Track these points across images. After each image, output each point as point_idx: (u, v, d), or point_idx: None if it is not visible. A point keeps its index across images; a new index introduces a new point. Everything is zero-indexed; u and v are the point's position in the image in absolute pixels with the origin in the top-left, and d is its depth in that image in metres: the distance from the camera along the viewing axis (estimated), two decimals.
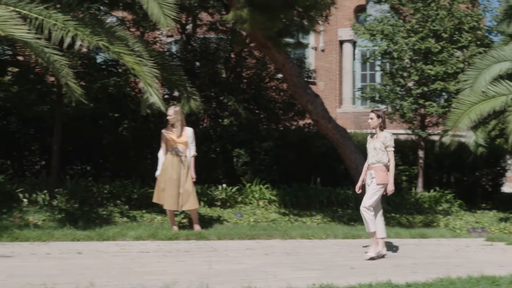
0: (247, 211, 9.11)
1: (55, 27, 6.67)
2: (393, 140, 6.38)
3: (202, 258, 5.86)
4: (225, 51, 12.06)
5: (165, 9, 7.36)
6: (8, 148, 11.01)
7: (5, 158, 11.10)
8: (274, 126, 12.05)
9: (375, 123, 6.35)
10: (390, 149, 6.30)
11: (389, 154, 6.30)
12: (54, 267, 5.08)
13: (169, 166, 7.09)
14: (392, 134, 6.50)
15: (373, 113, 6.39)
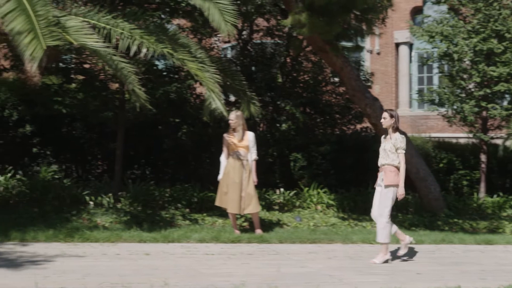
0: (305, 215, 9.11)
1: (122, 35, 6.91)
2: (405, 142, 6.16)
3: (266, 261, 5.92)
4: (281, 55, 12.11)
5: (225, 15, 7.48)
6: (73, 153, 11.47)
7: (70, 163, 11.56)
8: (330, 130, 12.00)
9: (388, 123, 6.15)
10: (401, 151, 6.09)
11: (400, 156, 6.10)
12: (125, 267, 5.26)
13: (231, 170, 7.19)
14: (403, 136, 6.27)
15: (386, 112, 6.24)
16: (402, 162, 6.08)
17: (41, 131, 11.11)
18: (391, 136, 6.16)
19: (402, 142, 6.10)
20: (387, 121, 6.14)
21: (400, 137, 6.13)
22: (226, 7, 7.52)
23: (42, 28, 5.48)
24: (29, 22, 5.58)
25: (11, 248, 5.81)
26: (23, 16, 5.66)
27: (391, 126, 6.14)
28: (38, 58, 5.35)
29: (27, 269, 4.97)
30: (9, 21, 5.69)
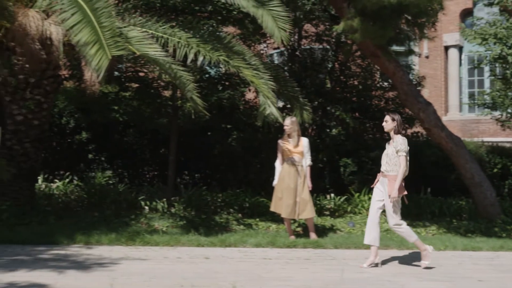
0: (357, 220, 9.05)
1: (179, 44, 7.11)
2: (406, 144, 5.98)
3: (324, 266, 5.94)
4: (329, 61, 12.11)
5: (279, 22, 7.59)
6: (126, 159, 11.79)
7: (122, 168, 11.88)
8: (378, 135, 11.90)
9: (389, 126, 6.00)
10: (401, 153, 5.92)
11: (400, 159, 5.93)
12: (187, 270, 5.38)
13: (286, 175, 7.25)
14: (404, 138, 6.06)
15: (388, 115, 6.09)
16: (402, 165, 5.92)
17: (96, 138, 11.49)
18: (393, 139, 6.05)
19: (403, 145, 5.95)
20: (389, 124, 6.02)
21: (401, 140, 5.98)
22: (279, 14, 7.63)
23: (107, 39, 5.70)
24: (94, 33, 5.82)
25: (78, 251, 6.04)
26: (89, 27, 5.90)
27: (393, 130, 6.03)
28: (104, 68, 5.56)
29: (95, 271, 5.16)
30: (76, 32, 5.95)
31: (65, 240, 6.35)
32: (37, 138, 8.12)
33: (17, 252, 5.77)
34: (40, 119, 8.12)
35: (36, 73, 7.82)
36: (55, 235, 6.45)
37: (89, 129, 11.40)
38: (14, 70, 7.73)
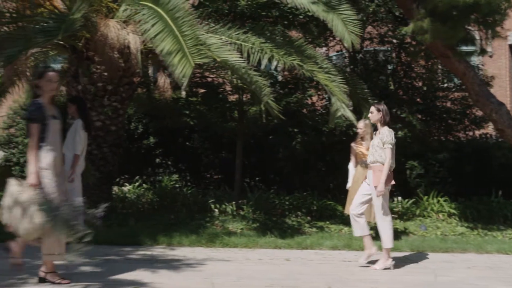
0: (428, 224, 8.95)
1: (252, 49, 7.25)
2: (392, 135, 5.85)
3: (405, 269, 5.92)
4: (392, 62, 12.01)
5: (349, 26, 7.62)
6: (191, 163, 12.05)
7: (188, 172, 12.15)
8: (443, 138, 11.71)
9: (375, 117, 5.91)
10: (387, 145, 5.80)
11: (386, 151, 5.80)
12: (271, 271, 5.49)
13: (360, 178, 7.23)
14: (390, 129, 5.93)
15: (373, 106, 5.99)
16: (388, 157, 5.80)
17: (163, 142, 11.81)
18: (379, 131, 5.95)
19: (389, 136, 5.84)
20: (374, 115, 5.94)
21: (388, 131, 5.88)
22: (349, 18, 7.67)
23: (189, 48, 5.88)
24: (177, 42, 6.02)
25: (162, 252, 6.25)
26: (171, 37, 6.11)
27: (379, 121, 5.93)
28: (188, 76, 5.75)
29: (185, 271, 5.34)
30: (158, 42, 6.17)
31: (148, 241, 6.58)
32: (114, 143, 8.43)
33: (106, 252, 6.02)
34: (116, 125, 8.43)
35: (114, 81, 8.12)
36: (139, 237, 6.69)
37: (156, 134, 11.73)
38: (93, 78, 8.06)
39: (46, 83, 4.66)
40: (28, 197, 4.34)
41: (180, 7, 6.22)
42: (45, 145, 4.51)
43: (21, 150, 11.56)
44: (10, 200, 4.39)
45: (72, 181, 6.67)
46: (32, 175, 4.38)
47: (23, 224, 4.34)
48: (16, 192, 4.38)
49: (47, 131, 4.53)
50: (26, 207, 4.31)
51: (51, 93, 4.71)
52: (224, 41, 6.74)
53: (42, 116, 4.52)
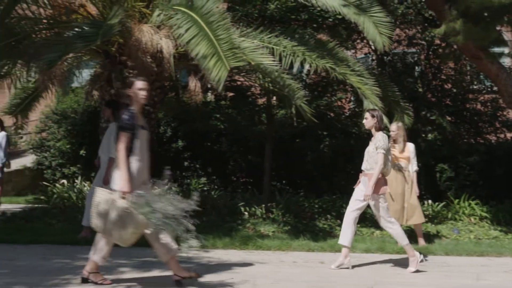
0: (459, 227, 8.84)
1: (284, 53, 7.28)
2: (386, 141, 5.76)
3: (441, 272, 5.87)
4: (420, 64, 11.93)
5: (380, 28, 7.61)
6: (219, 166, 12.11)
7: (216, 175, 12.21)
8: (472, 140, 11.58)
9: (369, 123, 5.86)
10: (380, 151, 5.70)
11: (378, 156, 5.70)
12: (306, 274, 5.51)
13: (394, 181, 7.21)
14: (384, 135, 5.84)
15: (368, 112, 5.94)
16: (379, 162, 5.71)
17: (191, 146, 11.91)
18: (374, 137, 5.90)
19: (381, 141, 5.76)
20: (369, 121, 5.88)
21: (381, 137, 5.81)
22: (380, 20, 7.66)
23: (225, 51, 5.93)
24: (212, 46, 6.08)
25: (197, 254, 6.29)
26: (206, 40, 6.17)
27: (373, 127, 5.87)
28: (223, 79, 5.80)
29: (222, 273, 5.38)
30: (193, 46, 6.24)
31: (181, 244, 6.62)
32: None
33: (142, 254, 6.09)
34: (149, 128, 8.51)
35: None
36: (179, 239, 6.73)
37: (185, 138, 11.83)
38: (126, 82, 8.15)
39: (136, 92, 4.70)
40: (122, 204, 4.38)
41: (215, 11, 6.28)
42: (132, 154, 4.56)
43: (53, 154, 11.80)
44: (104, 208, 4.44)
45: (107, 184, 6.77)
46: (124, 182, 4.43)
47: (122, 232, 4.40)
48: (110, 199, 4.43)
49: (136, 140, 4.58)
50: (121, 214, 4.35)
51: (142, 101, 4.74)
52: (257, 45, 6.78)
53: (133, 125, 4.58)
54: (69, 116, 11.78)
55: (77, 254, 5.90)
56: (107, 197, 4.47)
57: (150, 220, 4.34)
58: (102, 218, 4.45)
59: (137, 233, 4.49)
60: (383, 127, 5.98)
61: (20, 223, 7.45)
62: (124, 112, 4.64)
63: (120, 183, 4.44)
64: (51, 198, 9.35)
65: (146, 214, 4.35)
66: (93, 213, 4.55)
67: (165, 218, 4.35)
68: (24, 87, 9.91)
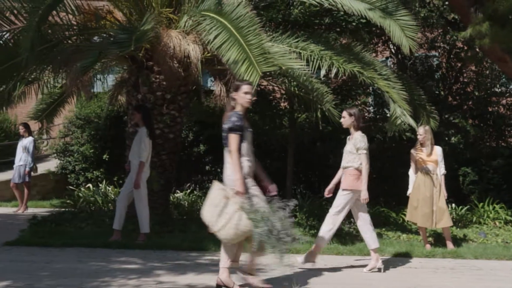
0: (485, 231, 8.80)
1: (311, 57, 7.32)
2: (365, 141, 5.75)
3: (474, 276, 5.86)
4: (441, 68, 11.90)
5: (406, 31, 7.61)
6: None
7: None
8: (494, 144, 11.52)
9: (347, 122, 5.87)
10: (362, 151, 5.71)
11: (361, 157, 5.71)
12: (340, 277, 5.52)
13: (422, 184, 7.22)
14: (363, 134, 5.82)
15: (345, 111, 5.93)
16: (364, 163, 5.71)
17: (212, 150, 11.97)
18: (352, 136, 5.89)
19: (362, 142, 5.77)
20: (346, 120, 5.90)
21: (360, 137, 5.81)
22: (406, 23, 7.66)
23: (256, 56, 5.99)
24: (243, 51, 6.14)
25: None
26: (237, 46, 6.23)
27: (352, 126, 5.87)
28: (256, 84, 5.84)
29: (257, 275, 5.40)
30: (224, 52, 6.30)
31: (212, 247, 6.67)
32: (172, 150, 8.60)
33: (175, 257, 6.14)
34: (174, 133, 8.60)
35: (172, 90, 8.30)
36: (202, 242, 6.79)
37: (206, 142, 11.89)
38: (152, 87, 8.25)
39: (242, 95, 4.76)
40: (235, 204, 4.44)
41: (245, 16, 6.33)
42: (241, 155, 4.63)
43: (76, 159, 11.91)
44: (216, 204, 4.51)
45: (138, 188, 6.86)
46: (238, 183, 4.49)
47: (227, 229, 4.45)
48: (223, 198, 4.49)
49: (244, 142, 4.66)
50: (233, 213, 4.40)
51: (247, 105, 4.81)
52: (286, 50, 6.82)
53: (242, 126, 4.65)
54: (93, 121, 11.89)
55: (110, 257, 5.97)
56: (222, 194, 4.52)
57: (256, 228, 4.38)
58: (214, 213, 4.49)
59: (241, 236, 4.50)
60: (361, 126, 5.97)
61: (51, 227, 7.54)
62: (232, 115, 4.69)
63: (235, 183, 4.50)
64: (77, 202, 9.45)
65: (255, 221, 4.40)
66: (206, 206, 4.61)
67: (270, 232, 4.37)
68: (50, 93, 10.05)
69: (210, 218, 4.54)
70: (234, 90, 4.83)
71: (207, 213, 4.59)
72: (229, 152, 4.62)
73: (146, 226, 6.92)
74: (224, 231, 4.45)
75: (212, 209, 4.52)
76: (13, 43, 7.23)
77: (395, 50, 12.08)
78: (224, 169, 4.75)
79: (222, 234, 4.49)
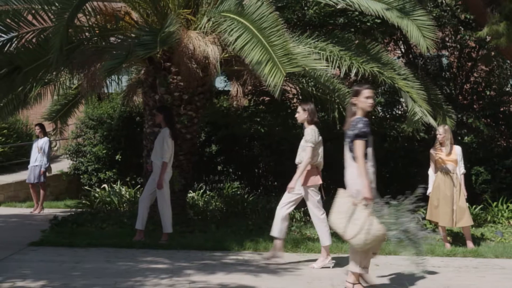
0: (500, 230, 8.84)
1: (331, 58, 7.35)
2: (315, 135, 5.78)
3: (498, 275, 5.90)
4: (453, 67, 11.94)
5: (424, 31, 7.65)
6: (250, 170, 12.19)
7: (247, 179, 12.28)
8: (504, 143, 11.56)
9: (301, 117, 5.93)
10: (308, 144, 5.75)
11: (307, 149, 5.73)
12: None
13: (442, 184, 7.25)
14: (314, 128, 5.86)
15: (300, 106, 5.99)
16: (307, 156, 5.74)
17: (224, 150, 12.00)
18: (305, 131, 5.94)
19: (310, 135, 5.80)
20: (300, 115, 5.96)
21: (310, 130, 5.84)
22: (424, 23, 7.69)
23: (280, 57, 6.02)
24: (266, 52, 6.17)
25: (252, 257, 6.37)
26: (259, 47, 6.26)
27: (306, 120, 5.92)
28: (280, 84, 5.88)
29: (285, 275, 5.46)
30: (247, 53, 6.34)
31: (235, 246, 6.72)
32: (189, 151, 8.63)
33: (200, 257, 6.18)
34: (192, 133, 8.64)
35: (189, 90, 8.33)
36: (225, 242, 6.83)
37: (218, 142, 11.93)
38: (170, 88, 8.28)
39: (363, 100, 4.74)
40: (364, 210, 4.47)
41: (268, 17, 6.36)
42: (366, 161, 4.64)
43: (89, 159, 11.95)
44: (344, 211, 4.55)
45: (161, 188, 6.89)
46: (366, 189, 4.52)
47: (359, 236, 4.48)
48: (351, 205, 4.53)
49: (368, 147, 4.67)
50: (364, 219, 4.43)
51: (369, 109, 4.80)
52: (309, 50, 6.85)
53: (367, 133, 4.66)
54: (105, 121, 11.92)
55: (137, 257, 6.00)
56: (350, 201, 4.56)
57: (390, 231, 4.41)
58: (343, 221, 4.54)
59: (373, 241, 4.54)
60: (315, 120, 6.00)
61: (72, 227, 7.56)
62: (358, 121, 4.66)
63: (363, 189, 4.53)
64: (93, 202, 9.48)
65: (387, 225, 4.42)
66: (334, 214, 4.66)
67: (405, 233, 4.40)
68: (65, 94, 10.08)
69: (340, 225, 4.59)
70: (354, 96, 4.79)
71: (336, 221, 4.64)
72: (355, 158, 4.62)
73: (169, 226, 6.96)
74: (356, 238, 4.48)
75: (341, 217, 4.56)
76: (37, 44, 7.25)
77: (405, 49, 12.13)
78: (347, 174, 4.76)
79: (354, 241, 4.52)
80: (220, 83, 11.80)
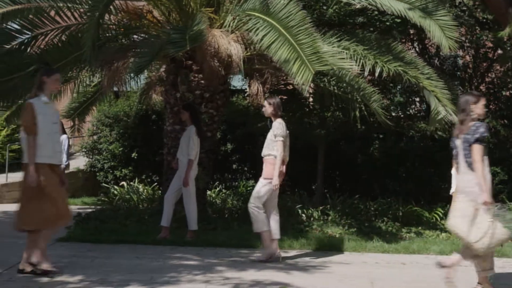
0: None
1: (354, 57, 7.37)
2: (283, 128, 5.80)
3: None
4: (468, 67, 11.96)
5: (446, 31, 7.66)
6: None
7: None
8: None
9: (267, 111, 5.97)
10: (278, 138, 5.76)
11: (277, 144, 5.74)
12: (396, 274, 5.59)
13: None
14: (281, 122, 5.88)
15: (266, 100, 6.06)
16: (279, 150, 5.75)
17: (239, 149, 12.04)
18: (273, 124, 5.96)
19: (279, 129, 5.81)
20: (267, 109, 5.98)
21: (277, 124, 5.86)
22: (446, 23, 7.70)
23: (308, 55, 6.04)
24: (294, 50, 6.19)
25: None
26: (287, 45, 6.29)
27: (272, 114, 5.95)
28: (309, 82, 5.91)
29: (315, 273, 5.50)
30: (274, 51, 6.36)
31: (260, 244, 6.74)
32: (210, 148, 8.66)
33: (227, 254, 6.22)
34: (212, 131, 8.67)
35: (211, 89, 8.36)
36: (250, 240, 6.85)
37: (233, 141, 11.97)
38: (191, 86, 8.31)
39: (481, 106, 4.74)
40: (486, 214, 4.54)
41: (296, 15, 6.38)
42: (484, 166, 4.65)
43: (105, 157, 12.00)
44: (467, 215, 4.62)
45: (187, 185, 6.93)
46: (487, 193, 4.54)
47: (483, 240, 4.56)
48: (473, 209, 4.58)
49: (485, 153, 4.69)
50: (487, 224, 4.52)
51: (482, 117, 4.84)
52: (336, 49, 6.87)
53: (486, 138, 4.72)
54: (121, 119, 11.97)
55: (165, 253, 6.06)
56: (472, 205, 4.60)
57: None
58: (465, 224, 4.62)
59: (497, 244, 4.67)
60: (280, 114, 6.02)
61: (96, 223, 7.61)
62: (480, 126, 4.66)
63: (483, 194, 4.57)
64: (113, 200, 9.53)
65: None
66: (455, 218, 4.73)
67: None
68: (84, 91, 10.13)
69: (462, 229, 4.66)
70: (474, 103, 4.74)
71: (458, 225, 4.71)
72: (473, 162, 4.64)
73: (194, 224, 6.99)
74: (480, 242, 4.57)
75: (463, 221, 4.64)
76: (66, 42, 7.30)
77: (420, 49, 12.14)
78: (463, 181, 4.78)
79: (478, 245, 4.60)
80: (238, 82, 11.83)
